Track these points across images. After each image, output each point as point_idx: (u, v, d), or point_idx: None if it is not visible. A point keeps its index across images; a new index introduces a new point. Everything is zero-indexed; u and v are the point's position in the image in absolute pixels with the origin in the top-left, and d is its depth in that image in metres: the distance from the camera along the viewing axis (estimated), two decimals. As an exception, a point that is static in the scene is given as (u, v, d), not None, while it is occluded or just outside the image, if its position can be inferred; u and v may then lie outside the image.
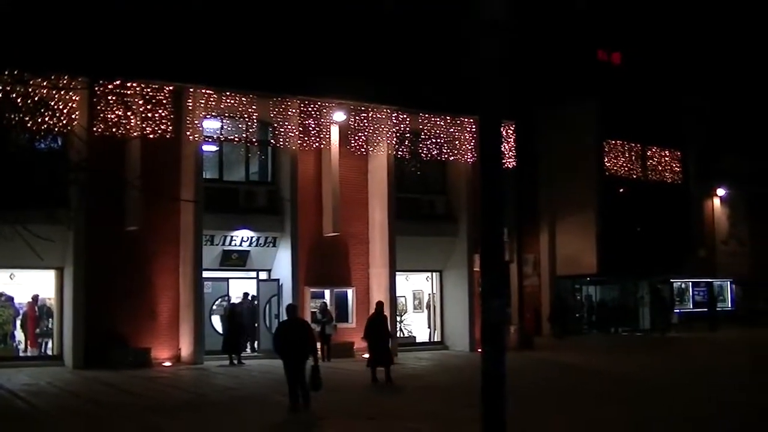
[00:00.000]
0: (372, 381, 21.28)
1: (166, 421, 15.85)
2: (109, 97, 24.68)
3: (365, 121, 30.60)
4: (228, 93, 28.09)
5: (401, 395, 20.01)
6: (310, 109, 29.51)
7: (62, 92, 20.70)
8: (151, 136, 26.65)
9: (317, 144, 29.70)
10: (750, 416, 15.81)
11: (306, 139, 29.35)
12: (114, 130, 25.96)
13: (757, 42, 47.21)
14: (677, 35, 43.93)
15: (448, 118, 32.04)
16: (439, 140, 32.05)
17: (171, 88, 27.11)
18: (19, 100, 14.88)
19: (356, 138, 30.45)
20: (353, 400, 18.97)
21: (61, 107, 23.32)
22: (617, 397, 19.04)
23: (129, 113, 25.81)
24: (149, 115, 26.64)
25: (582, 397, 19.39)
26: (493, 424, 7.87)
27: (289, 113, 29.06)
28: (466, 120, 31.98)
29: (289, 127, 29.05)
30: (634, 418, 15.78)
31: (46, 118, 18.74)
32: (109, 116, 25.82)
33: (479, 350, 8.13)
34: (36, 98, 15.86)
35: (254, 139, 29.24)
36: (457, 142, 32.17)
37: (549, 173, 42.85)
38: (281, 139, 29.01)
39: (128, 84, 25.69)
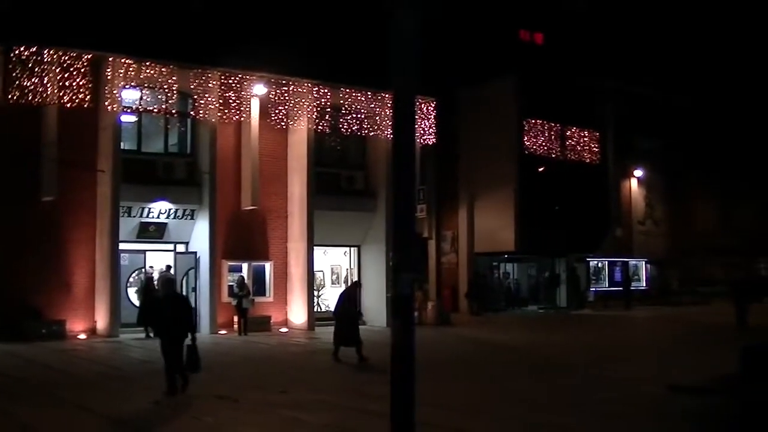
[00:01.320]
0: (334, 359, 21.10)
1: (72, 394, 16.04)
2: (25, 64, 24.83)
3: (286, 94, 31.19)
4: (148, 63, 28.40)
5: (315, 369, 20.56)
6: (230, 81, 29.99)
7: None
8: (69, 105, 26.84)
9: (237, 117, 30.23)
10: (639, 386, 16.88)
11: (226, 111, 29.83)
12: (30, 98, 26.09)
13: (675, 25, 48.89)
14: (598, 17, 45.21)
15: (369, 93, 32.79)
16: (359, 115, 32.80)
17: (89, 56, 27.33)
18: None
19: (277, 111, 31.03)
20: (268, 373, 19.57)
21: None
22: (527, 370, 20.13)
23: (45, 81, 26.01)
24: (66, 83, 26.80)
25: (494, 370, 20.41)
26: (401, 396, 8.18)
27: (210, 85, 29.53)
28: (386, 95, 32.64)
29: (210, 99, 29.52)
30: (541, 389, 16.90)
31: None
32: (24, 83, 25.94)
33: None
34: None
35: (174, 111, 29.65)
36: (377, 118, 32.92)
37: (469, 151, 43.76)
38: (201, 111, 29.47)
39: (45, 51, 25.99)
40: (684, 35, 49.35)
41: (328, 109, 32.28)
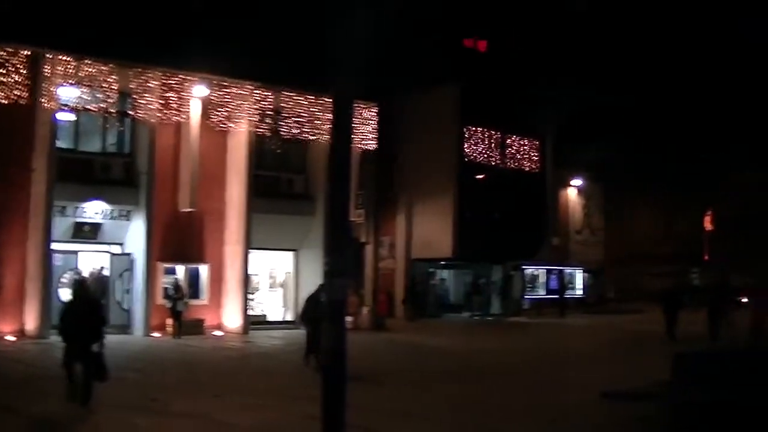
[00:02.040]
0: (305, 363, 20.78)
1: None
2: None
3: (227, 96, 31.39)
4: (87, 61, 28.33)
5: (249, 373, 20.86)
6: (171, 81, 30.09)
7: None
8: (4, 101, 26.74)
9: (177, 117, 30.33)
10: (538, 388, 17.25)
11: (166, 112, 29.92)
12: (-37, 93, 25.93)
13: (615, 36, 49.84)
14: (541, 26, 45.93)
15: (310, 97, 33.11)
16: (300, 119, 33.10)
17: (27, 52, 27.22)
18: None
19: (217, 113, 31.18)
20: (202, 377, 19.75)
21: None
22: (461, 376, 20.63)
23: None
24: (2, 79, 26.70)
25: (428, 374, 20.82)
26: (334, 398, 8.53)
27: (150, 85, 29.60)
28: (328, 99, 32.94)
29: (149, 98, 29.62)
30: (475, 394, 17.40)
31: None
32: (-43, 78, 25.80)
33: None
34: None
35: (113, 110, 29.57)
36: (318, 122, 33.24)
37: (410, 157, 44.09)
38: (141, 111, 29.55)
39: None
40: (626, 45, 50.33)
41: (270, 112, 32.50)
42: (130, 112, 29.92)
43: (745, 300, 34.23)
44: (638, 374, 17.20)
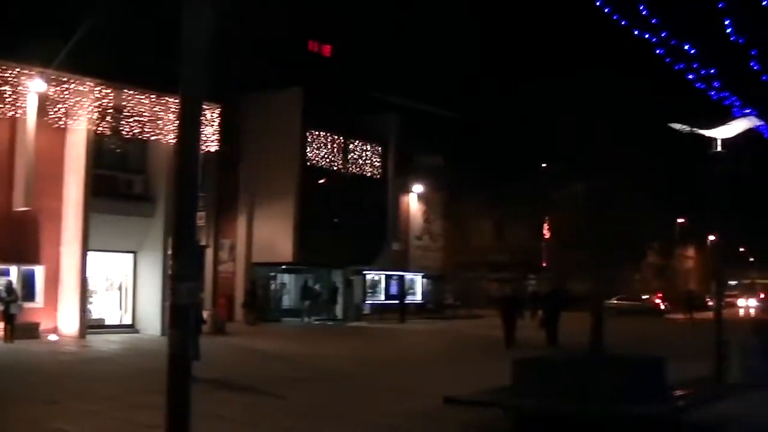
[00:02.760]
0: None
1: None
2: None
3: (66, 92, 30.86)
4: None
5: (86, 378, 20.45)
6: (6, 74, 29.41)
7: None
8: None
9: (13, 112, 29.66)
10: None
11: (1, 106, 29.25)
12: None
13: (462, 48, 51.47)
14: (387, 33, 46.99)
15: (152, 96, 32.96)
16: (142, 118, 32.90)
17: None
18: None
19: (56, 110, 30.66)
20: (36, 383, 19.25)
21: None
22: (303, 381, 20.91)
23: None
24: None
25: (269, 380, 20.85)
26: (178, 405, 8.39)
27: (-18, 78, 28.93)
28: (171, 99, 32.90)
29: (-19, 92, 28.91)
30: (318, 400, 17.79)
31: None
32: None
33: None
34: None
35: (-58, 104, 28.82)
36: (160, 122, 33.12)
37: (252, 160, 44.52)
38: (-27, 105, 28.82)
39: None
40: (467, 56, 51.94)
41: (110, 110, 32.18)
42: (-40, 106, 29.18)
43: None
44: (480, 380, 17.09)
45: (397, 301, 49.10)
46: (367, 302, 48.88)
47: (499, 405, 14.57)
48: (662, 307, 68.86)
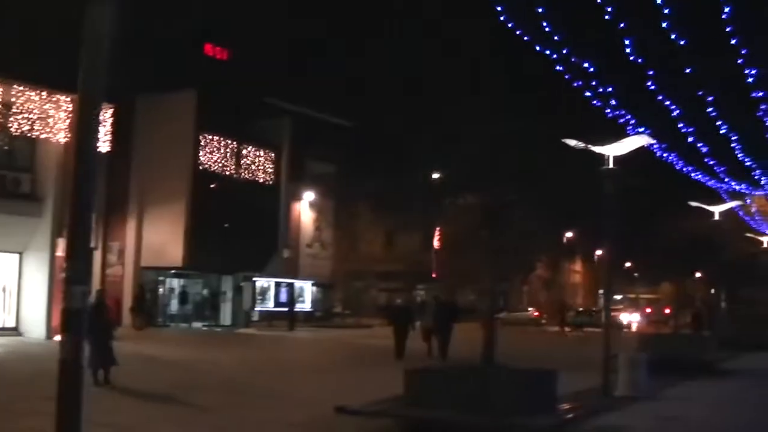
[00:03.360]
0: (94, 383, 18.93)
1: None
2: None
3: (-51, 87, 30.33)
4: None
5: None
6: None
7: None
8: None
9: None
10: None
11: None
12: None
13: (358, 56, 51.95)
14: (282, 39, 47.24)
15: (43, 93, 32.54)
16: (31, 116, 32.43)
17: None
18: None
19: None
20: None
21: None
22: (194, 389, 20.43)
23: None
24: None
25: (160, 388, 20.29)
26: (70, 412, 8.29)
27: None
28: (62, 97, 32.61)
29: None
30: (209, 408, 17.63)
31: None
32: None
33: (57, 338, 8.59)
34: None
35: None
36: (50, 120, 32.71)
37: (143, 161, 44.18)
38: None
39: None
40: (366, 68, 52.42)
41: (-2, 107, 31.70)
42: None
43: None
44: (372, 389, 17.27)
45: (286, 309, 49.28)
46: (256, 309, 48.94)
47: (390, 415, 14.90)
48: (542, 320, 72.70)
